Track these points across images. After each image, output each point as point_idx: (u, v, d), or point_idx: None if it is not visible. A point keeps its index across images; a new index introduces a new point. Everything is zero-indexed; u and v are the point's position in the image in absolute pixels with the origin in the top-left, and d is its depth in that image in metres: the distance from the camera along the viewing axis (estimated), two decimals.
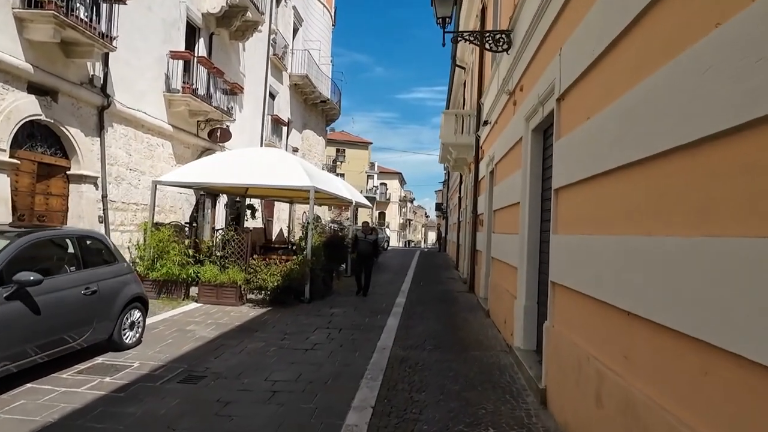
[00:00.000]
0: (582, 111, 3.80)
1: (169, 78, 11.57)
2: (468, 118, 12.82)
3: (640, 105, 2.76)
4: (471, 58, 14.88)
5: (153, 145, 11.14)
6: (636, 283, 2.70)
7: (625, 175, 2.95)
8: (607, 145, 3.19)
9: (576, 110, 3.99)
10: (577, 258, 3.77)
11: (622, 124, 2.98)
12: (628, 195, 2.90)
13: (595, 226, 3.43)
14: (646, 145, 2.65)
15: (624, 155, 2.92)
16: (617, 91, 3.10)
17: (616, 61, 3.22)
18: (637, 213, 2.78)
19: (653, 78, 2.63)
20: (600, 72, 3.48)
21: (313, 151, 25.18)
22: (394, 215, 61.64)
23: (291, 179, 9.99)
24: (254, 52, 17.04)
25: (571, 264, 3.91)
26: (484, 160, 10.53)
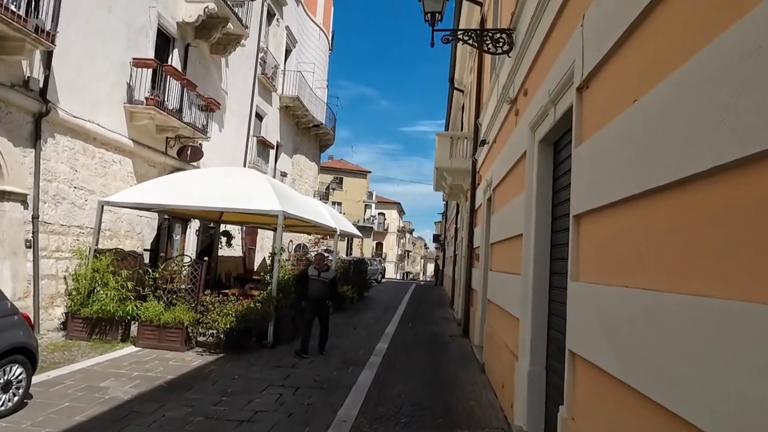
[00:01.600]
0: (621, 94, 2.48)
1: (132, 88, 10.39)
2: (464, 141, 11.60)
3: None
4: (469, 79, 13.80)
5: (108, 161, 9.86)
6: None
7: (723, 181, 1.59)
8: (682, 137, 1.84)
9: (610, 96, 2.66)
10: (616, 324, 2.37)
11: (715, 93, 1.64)
12: (735, 222, 1.53)
13: (657, 275, 2.04)
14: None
15: (722, 150, 1.57)
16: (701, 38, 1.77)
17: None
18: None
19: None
20: (659, 21, 2.16)
21: (304, 176, 23.99)
22: (391, 246, 60.14)
23: (257, 202, 8.67)
24: (239, 69, 16.00)
25: (605, 332, 2.50)
26: (482, 186, 9.22)
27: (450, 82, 16.51)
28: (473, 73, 12.44)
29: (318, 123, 23.69)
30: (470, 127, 12.02)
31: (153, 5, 10.94)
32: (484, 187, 8.74)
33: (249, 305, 7.81)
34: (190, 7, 12.09)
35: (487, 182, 8.33)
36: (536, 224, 4.45)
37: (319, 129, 24.45)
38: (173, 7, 11.85)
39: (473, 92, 11.77)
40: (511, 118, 6.04)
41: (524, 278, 4.61)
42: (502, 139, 6.92)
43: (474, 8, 10.80)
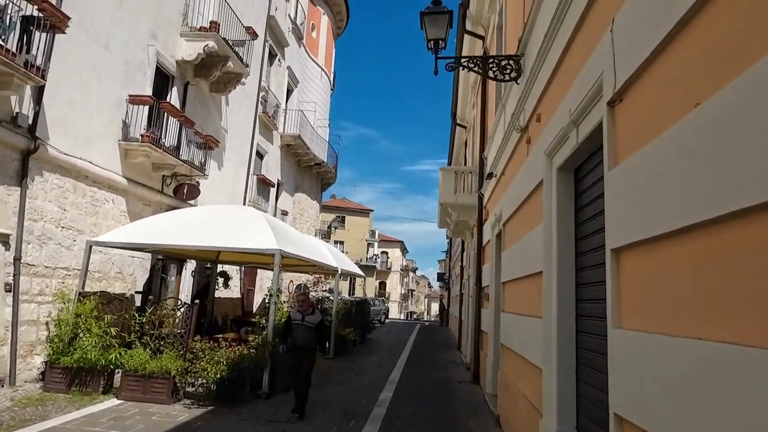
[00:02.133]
0: (673, 101, 2.06)
1: (128, 125, 10.14)
2: (469, 175, 11.23)
3: None
4: (472, 114, 13.60)
5: (99, 199, 9.48)
6: None
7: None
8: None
9: (656, 105, 2.24)
10: (682, 387, 1.86)
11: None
12: None
13: (743, 323, 1.55)
14: None
15: None
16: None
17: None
18: None
19: None
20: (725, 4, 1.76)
21: (305, 215, 23.63)
22: (395, 285, 59.20)
23: (253, 241, 8.21)
24: (240, 107, 15.91)
25: (666, 395, 1.98)
26: (489, 222, 8.77)
27: (452, 118, 16.34)
28: (476, 108, 12.23)
29: (319, 161, 23.53)
30: (474, 162, 11.70)
31: (152, 43, 10.85)
32: (493, 222, 8.29)
33: (242, 352, 7.23)
34: (190, 46, 12.02)
35: (495, 217, 7.89)
36: (558, 261, 3.97)
37: (320, 167, 24.28)
38: (172, 46, 11.78)
39: (477, 126, 11.50)
40: (521, 147, 5.65)
41: (546, 322, 4.09)
42: (511, 170, 6.52)
43: (476, 41, 10.66)
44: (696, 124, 1.85)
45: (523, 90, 5.51)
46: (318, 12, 24.46)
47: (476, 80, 12.12)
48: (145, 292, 10.75)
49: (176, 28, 11.90)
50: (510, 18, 7.31)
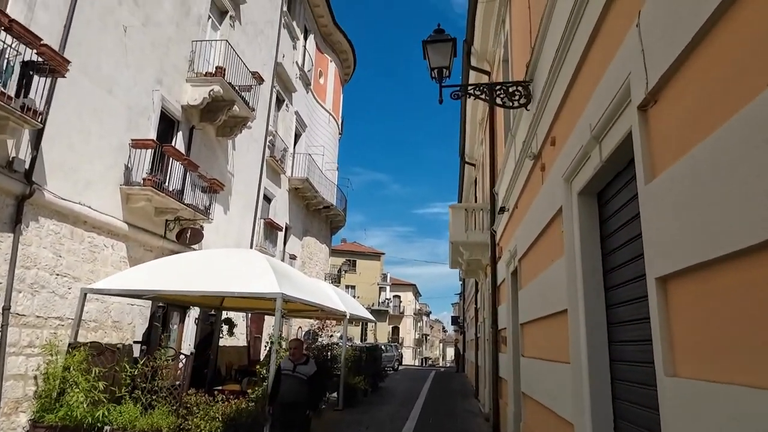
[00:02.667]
0: (736, 87, 1.66)
1: (130, 169, 9.98)
2: (480, 212, 10.83)
3: None
4: (480, 151, 13.35)
5: (98, 245, 9.19)
6: None
7: None
8: None
9: (708, 98, 1.84)
10: None
11: None
12: None
13: None
14: None
15: None
16: None
17: None
18: None
19: None
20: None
21: (314, 259, 23.22)
22: (408, 330, 57.78)
23: (254, 285, 7.79)
24: (247, 152, 15.86)
25: None
26: (503, 259, 8.28)
27: (460, 156, 16.12)
28: (485, 143, 11.97)
29: (328, 204, 23.34)
30: (485, 198, 11.32)
31: (156, 88, 10.86)
32: (507, 259, 7.80)
33: (240, 406, 6.66)
34: (196, 91, 12.05)
35: (509, 254, 7.41)
36: (586, 297, 3.48)
37: (329, 210, 24.07)
38: (178, 91, 11.81)
39: (486, 161, 11.20)
40: (535, 175, 5.26)
41: (575, 368, 3.56)
42: (525, 201, 6.11)
43: (482, 77, 10.51)
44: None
45: (534, 115, 5.18)
46: (325, 59, 24.95)
47: (484, 116, 11.92)
48: (144, 342, 10.28)
49: (182, 74, 11.97)
50: (516, 47, 7.10)
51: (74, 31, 8.39)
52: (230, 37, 13.91)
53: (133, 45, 10.11)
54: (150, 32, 10.67)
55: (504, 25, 8.29)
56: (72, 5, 8.31)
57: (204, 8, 13.02)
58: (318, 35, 23.79)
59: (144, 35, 10.46)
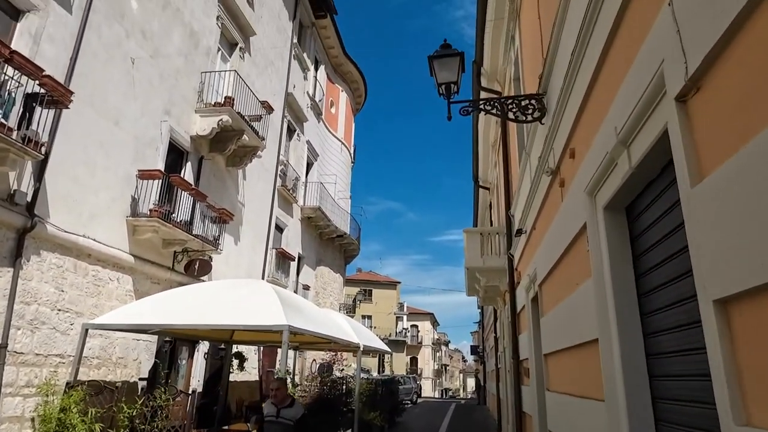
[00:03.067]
0: None
1: (137, 200, 9.84)
2: (496, 237, 10.40)
3: None
4: (494, 174, 13.01)
5: (103, 279, 8.97)
6: None
7: None
8: None
9: None
10: None
11: None
12: None
13: None
14: None
15: None
16: None
17: None
18: None
19: None
20: None
21: (328, 289, 22.82)
22: (427, 360, 56.41)
23: (260, 317, 7.41)
24: (257, 181, 15.75)
25: None
26: (522, 285, 7.81)
27: (474, 181, 15.78)
28: (498, 166, 11.64)
29: (341, 233, 23.07)
30: (501, 222, 10.91)
31: (165, 119, 10.81)
32: (526, 285, 7.34)
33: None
34: (204, 121, 12.01)
35: (528, 278, 6.96)
36: (619, 324, 3.06)
37: (343, 239, 23.78)
38: (187, 122, 11.77)
39: (501, 184, 10.84)
40: (554, 192, 4.89)
41: (611, 407, 3.10)
42: (544, 221, 5.71)
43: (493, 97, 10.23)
44: None
45: (549, 128, 4.84)
46: (336, 89, 25.12)
47: (496, 137, 11.63)
48: (149, 379, 9.92)
49: (191, 105, 11.96)
50: (527, 62, 6.83)
51: (81, 64, 8.39)
52: (240, 68, 13.97)
53: (141, 77, 10.11)
54: (158, 64, 10.70)
55: (514, 41, 8.06)
56: (78, 39, 8.32)
57: (213, 41, 13.12)
58: (329, 66, 24.02)
59: (152, 67, 10.48)
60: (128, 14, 9.74)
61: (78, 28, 8.35)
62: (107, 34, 9.15)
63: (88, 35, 8.57)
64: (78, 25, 8.36)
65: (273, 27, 17.12)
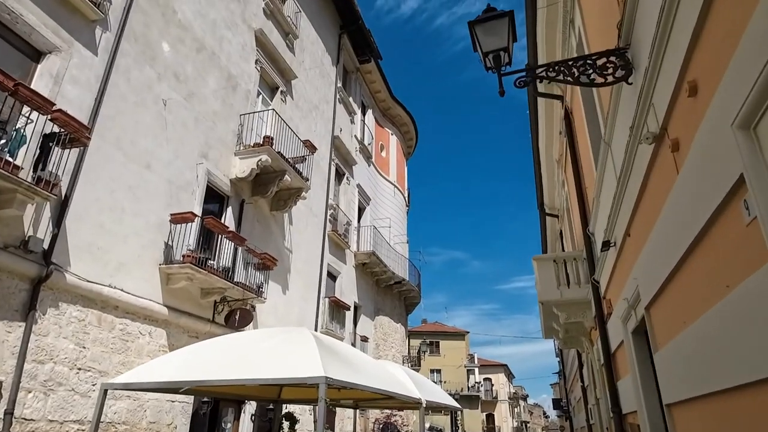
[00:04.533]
0: None
1: (171, 247, 9.18)
2: (573, 262, 8.75)
3: None
4: (562, 196, 11.44)
5: (132, 333, 8.18)
6: None
7: None
8: None
9: None
10: None
11: None
12: None
13: None
14: None
15: None
16: None
17: None
18: None
19: None
20: None
21: (389, 340, 21.28)
22: (504, 417, 52.00)
23: (292, 368, 6.19)
24: (305, 227, 14.99)
25: None
26: (616, 314, 6.15)
27: (540, 209, 14.17)
28: (567, 184, 10.12)
29: (399, 279, 21.74)
30: (577, 245, 9.28)
31: (200, 161, 10.32)
32: (623, 313, 5.70)
33: None
34: (244, 163, 11.47)
35: (626, 304, 5.34)
36: None
37: (401, 286, 22.40)
38: (225, 165, 11.26)
39: (573, 202, 9.31)
40: (661, 165, 3.47)
41: None
42: (645, 219, 4.23)
43: (553, 104, 8.95)
44: None
45: (643, 85, 3.50)
46: (386, 133, 24.63)
47: (562, 151, 10.19)
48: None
49: (229, 149, 11.50)
50: (593, 37, 5.56)
51: (107, 106, 8.04)
52: (282, 112, 13.57)
53: (174, 119, 9.73)
54: (193, 107, 10.34)
55: (574, 25, 6.84)
56: (103, 81, 8.01)
57: (252, 84, 12.84)
58: (376, 110, 23.67)
59: (186, 110, 10.12)
60: (159, 57, 9.50)
61: (104, 70, 8.07)
62: (137, 76, 8.86)
63: (115, 78, 8.26)
64: (104, 67, 8.08)
65: (316, 72, 16.90)
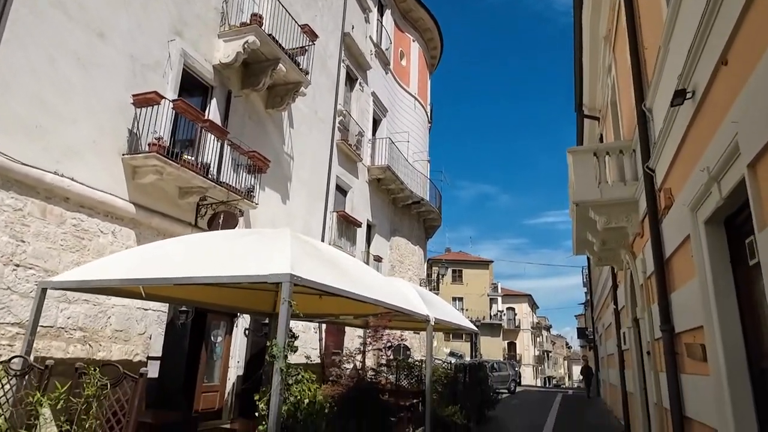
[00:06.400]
0: None
1: (137, 136, 7.84)
2: (618, 156, 7.02)
3: None
4: (607, 88, 9.46)
5: (89, 230, 7.05)
6: None
7: None
8: None
9: None
10: None
11: None
12: None
13: None
14: None
15: None
16: None
17: None
18: None
19: None
20: None
21: (406, 262, 20.22)
22: (526, 346, 52.08)
23: (256, 267, 4.91)
24: (310, 132, 13.46)
25: None
26: (681, 204, 4.53)
27: (577, 111, 12.19)
28: (616, 64, 8.18)
29: (418, 199, 20.28)
30: (629, 134, 7.55)
31: (172, 39, 8.71)
32: (694, 197, 4.09)
33: None
34: (228, 46, 9.81)
35: (708, 176, 3.71)
36: None
37: (420, 206, 20.97)
38: (207, 48, 9.62)
39: (623, 81, 7.46)
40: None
41: None
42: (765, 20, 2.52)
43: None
44: None
45: None
46: (407, 38, 22.21)
47: (612, 22, 8.16)
48: (167, 358, 7.98)
49: (211, 28, 9.80)
50: None
51: None
52: None
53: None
54: None
55: None
56: None
57: None
58: (396, 11, 21.16)
59: None
60: None
61: None
62: None
63: None
64: None
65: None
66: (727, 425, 3.73)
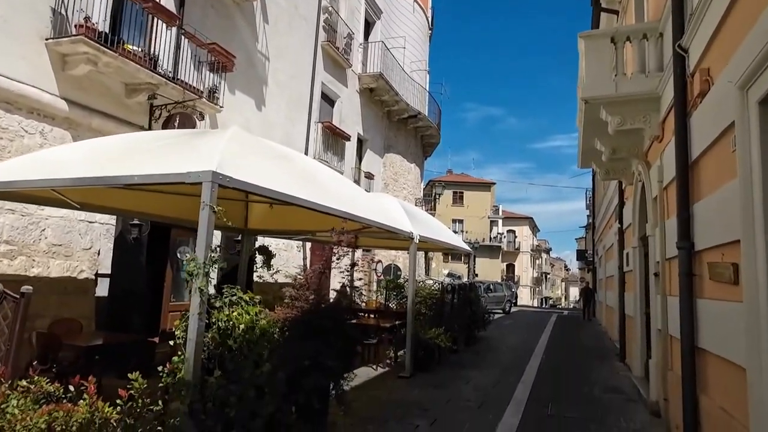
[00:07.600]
0: None
1: (65, 17, 6.55)
2: (641, 42, 5.74)
3: None
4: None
5: (9, 129, 6.00)
6: None
7: None
8: None
9: None
10: None
11: None
12: None
13: None
14: None
15: None
16: None
17: None
18: None
19: None
20: None
21: (400, 181, 19.24)
22: (525, 268, 52.43)
23: (176, 165, 3.91)
24: (289, 30, 11.93)
25: None
26: (726, 82, 3.41)
27: (594, 5, 10.55)
28: None
29: (415, 113, 18.89)
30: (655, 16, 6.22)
31: None
32: (748, 69, 2.97)
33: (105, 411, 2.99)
34: None
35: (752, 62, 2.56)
36: None
37: (417, 121, 19.63)
38: None
39: None
40: None
41: None
42: None
43: None
44: None
45: None
46: None
47: None
48: (115, 275, 7.23)
49: None
50: None
51: None
52: None
53: None
54: None
55: None
56: None
57: None
58: None
59: None
60: None
61: None
62: None
63: None
64: None
65: None
66: (762, 364, 2.89)
